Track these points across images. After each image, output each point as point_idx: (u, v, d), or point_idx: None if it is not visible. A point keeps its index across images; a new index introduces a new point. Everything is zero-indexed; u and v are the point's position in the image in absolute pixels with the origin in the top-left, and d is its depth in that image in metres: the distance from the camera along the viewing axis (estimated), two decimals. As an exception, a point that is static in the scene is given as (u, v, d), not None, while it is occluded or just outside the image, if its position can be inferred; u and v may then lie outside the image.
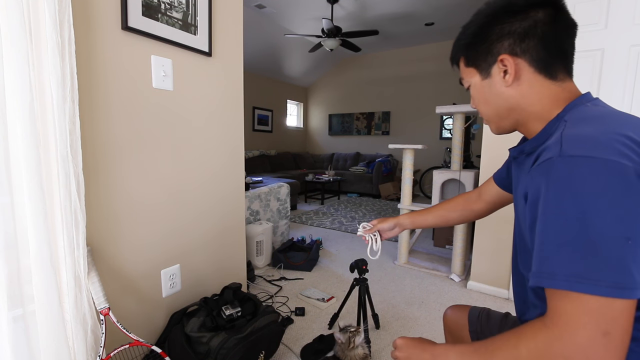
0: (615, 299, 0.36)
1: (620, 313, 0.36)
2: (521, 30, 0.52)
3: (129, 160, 1.14)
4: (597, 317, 0.37)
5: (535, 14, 0.51)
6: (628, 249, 0.37)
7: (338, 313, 1.56)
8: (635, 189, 0.38)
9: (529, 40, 0.52)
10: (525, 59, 0.53)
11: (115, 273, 1.12)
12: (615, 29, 1.63)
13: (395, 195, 5.41)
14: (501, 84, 0.56)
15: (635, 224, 0.37)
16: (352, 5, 4.28)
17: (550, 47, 0.52)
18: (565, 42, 0.52)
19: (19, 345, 0.82)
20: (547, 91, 0.53)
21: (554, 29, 0.51)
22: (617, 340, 0.36)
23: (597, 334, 0.36)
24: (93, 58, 1.01)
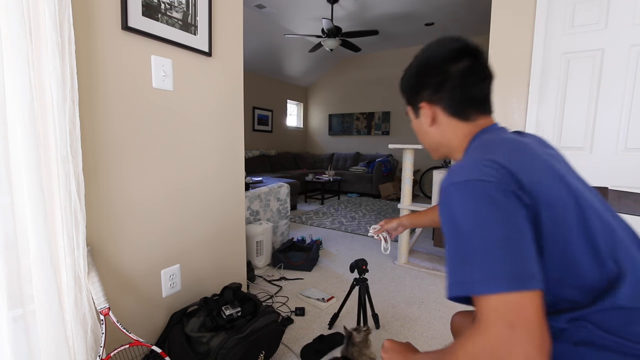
0: (511, 293, 0.40)
1: (520, 304, 0.40)
2: (436, 83, 0.63)
3: (129, 160, 1.14)
4: (500, 312, 0.40)
5: (451, 68, 0.61)
6: (509, 247, 0.42)
7: (338, 313, 1.56)
8: (497, 199, 0.45)
9: (442, 92, 0.63)
10: (440, 106, 0.64)
11: (115, 273, 1.12)
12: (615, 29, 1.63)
13: (395, 195, 5.41)
14: (426, 124, 0.68)
15: (507, 225, 0.43)
16: (352, 5, 4.28)
17: (460, 97, 0.62)
18: (476, 90, 0.62)
19: (19, 345, 0.82)
20: (460, 130, 0.64)
21: (464, 81, 0.61)
22: (525, 330, 0.39)
23: (504, 328, 0.40)
24: (93, 58, 1.01)
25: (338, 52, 6.42)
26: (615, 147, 1.67)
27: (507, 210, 0.44)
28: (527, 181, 0.46)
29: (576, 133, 1.76)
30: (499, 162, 0.48)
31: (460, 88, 0.61)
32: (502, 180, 0.46)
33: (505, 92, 1.91)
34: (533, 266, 0.42)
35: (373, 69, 6.52)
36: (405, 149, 2.37)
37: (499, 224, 0.43)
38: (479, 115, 0.63)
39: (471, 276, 0.43)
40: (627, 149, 1.64)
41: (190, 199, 1.38)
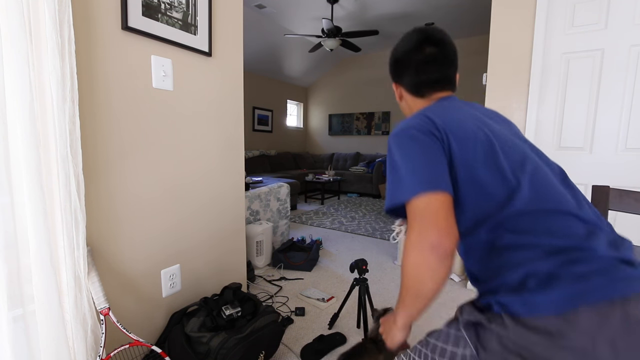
0: (423, 195, 0.56)
1: (428, 201, 0.56)
2: (399, 69, 0.80)
3: (129, 160, 1.14)
4: (416, 209, 0.56)
5: (411, 57, 0.77)
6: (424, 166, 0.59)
7: (338, 313, 1.56)
8: (418, 137, 0.62)
9: (403, 76, 0.80)
10: (403, 86, 0.82)
11: (115, 273, 1.12)
12: (615, 29, 1.63)
13: (395, 195, 5.40)
14: (397, 99, 0.87)
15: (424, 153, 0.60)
16: (352, 5, 4.28)
17: (415, 80, 0.78)
18: (430, 74, 0.76)
19: (19, 345, 0.82)
20: (418, 103, 0.81)
21: (419, 68, 0.76)
22: (432, 219, 0.55)
23: (419, 219, 0.56)
24: (93, 58, 1.01)
25: (338, 52, 6.42)
26: (615, 147, 1.67)
27: (424, 143, 0.61)
28: (440, 123, 0.63)
29: (576, 133, 1.76)
30: (425, 114, 0.66)
31: (415, 74, 0.77)
32: (423, 125, 0.63)
33: (505, 92, 1.91)
34: (441, 176, 0.58)
35: (373, 69, 6.52)
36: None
37: (418, 153, 0.60)
38: (433, 92, 0.78)
39: (399, 191, 0.59)
40: (627, 149, 1.64)
41: (191, 199, 1.38)
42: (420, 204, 0.56)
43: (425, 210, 0.55)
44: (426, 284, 0.56)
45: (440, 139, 0.62)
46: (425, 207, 0.55)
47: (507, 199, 0.56)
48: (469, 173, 0.59)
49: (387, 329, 0.74)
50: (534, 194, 0.56)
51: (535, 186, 0.57)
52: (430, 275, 0.55)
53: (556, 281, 0.49)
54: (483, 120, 0.66)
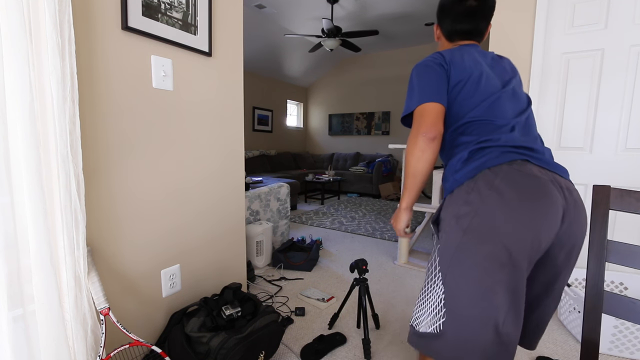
0: (423, 104, 0.83)
1: (426, 107, 0.82)
2: (442, 15, 0.97)
3: (129, 160, 1.14)
4: (418, 112, 0.83)
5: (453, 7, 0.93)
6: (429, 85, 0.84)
7: (338, 313, 1.56)
8: (431, 66, 0.86)
9: (443, 21, 0.97)
10: (442, 29, 0.99)
11: (115, 273, 1.12)
12: (615, 29, 1.63)
13: (395, 195, 5.41)
14: (435, 38, 1.05)
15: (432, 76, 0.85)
16: (352, 5, 4.28)
17: (450, 28, 0.96)
18: (464, 25, 0.93)
19: (19, 345, 0.82)
20: (447, 46, 1.00)
21: (456, 18, 0.93)
22: (426, 117, 0.81)
23: (418, 117, 0.83)
24: (93, 58, 1.01)
25: (338, 52, 6.42)
26: (615, 147, 1.67)
27: (433, 70, 0.85)
28: (448, 58, 0.86)
29: (576, 133, 1.76)
30: (441, 53, 0.89)
31: (452, 23, 0.94)
32: (436, 59, 0.87)
33: (505, 92, 1.91)
34: (439, 92, 0.83)
35: (373, 69, 6.52)
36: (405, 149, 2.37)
37: (428, 76, 0.85)
38: (462, 39, 0.96)
39: (411, 102, 0.85)
40: (627, 149, 1.64)
41: (191, 199, 1.38)
42: (422, 108, 0.82)
43: (424, 112, 0.81)
44: (420, 161, 0.81)
45: (445, 69, 0.85)
46: (424, 110, 0.81)
47: (470, 110, 0.83)
48: (455, 92, 0.84)
49: (396, 217, 0.96)
50: (485, 112, 0.82)
51: (490, 108, 0.82)
52: (422, 154, 0.80)
53: (472, 159, 0.78)
54: (481, 64, 0.88)
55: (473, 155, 0.78)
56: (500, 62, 0.92)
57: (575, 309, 1.52)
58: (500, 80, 0.87)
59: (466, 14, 0.91)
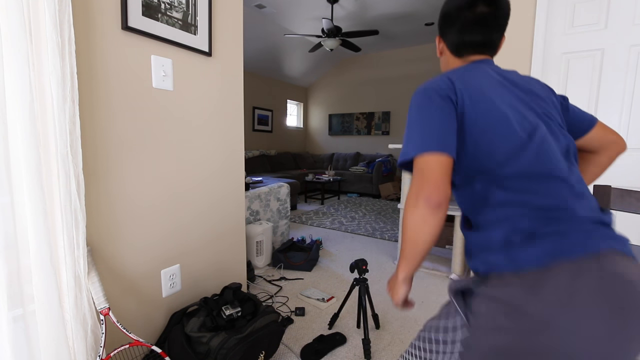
0: (426, 154, 0.60)
1: (429, 160, 0.60)
2: (446, 24, 0.78)
3: (129, 160, 1.14)
4: (419, 165, 0.61)
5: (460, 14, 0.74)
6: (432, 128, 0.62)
7: (338, 313, 1.56)
8: (434, 99, 0.64)
9: (448, 33, 0.78)
10: (445, 42, 0.80)
11: (115, 273, 1.12)
12: (615, 29, 1.63)
13: (395, 195, 5.41)
14: (438, 53, 0.86)
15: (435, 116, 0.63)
16: (352, 5, 4.28)
17: (458, 40, 0.76)
18: (474, 36, 0.74)
19: (19, 345, 0.82)
20: (454, 62, 0.81)
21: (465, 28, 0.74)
22: (429, 175, 0.59)
23: (419, 174, 0.60)
24: (93, 58, 1.01)
25: (338, 52, 6.42)
26: (615, 147, 1.67)
27: (438, 106, 0.63)
28: (460, 86, 0.65)
29: (576, 133, 1.76)
30: (448, 76, 0.67)
31: (459, 33, 0.75)
32: (442, 87, 0.65)
33: (505, 92, 1.91)
34: (446, 139, 0.61)
35: (373, 69, 6.52)
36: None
37: (431, 114, 0.63)
38: (472, 54, 0.77)
39: (409, 147, 0.63)
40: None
41: (190, 199, 1.38)
42: (422, 161, 0.61)
43: (425, 167, 0.60)
44: (421, 232, 0.61)
45: (454, 102, 0.65)
46: (425, 165, 0.61)
47: (506, 160, 0.61)
48: (476, 134, 0.63)
49: (392, 286, 0.76)
50: (533, 160, 0.60)
51: (537, 154, 0.60)
52: (423, 224, 0.60)
53: (538, 238, 0.53)
54: (507, 88, 0.67)
55: (534, 229, 0.54)
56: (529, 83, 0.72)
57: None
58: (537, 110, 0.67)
59: (477, 22, 0.72)
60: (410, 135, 0.65)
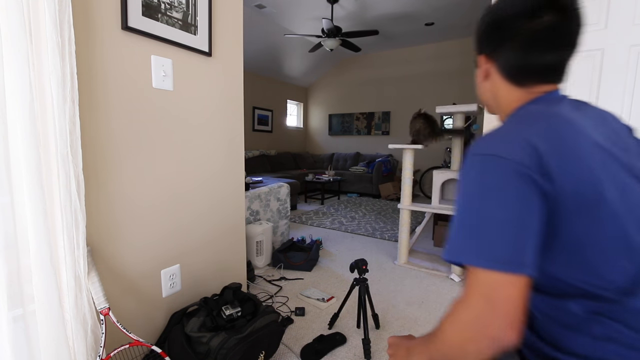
0: (497, 272, 0.41)
1: (503, 284, 0.41)
2: (497, 39, 0.56)
3: (129, 160, 1.14)
4: (483, 287, 0.42)
5: (520, 25, 0.52)
6: (508, 230, 0.42)
7: (338, 313, 1.56)
8: (511, 181, 0.43)
9: (501, 50, 0.56)
10: (496, 64, 0.58)
11: (115, 273, 1.12)
12: (615, 29, 1.63)
13: (395, 195, 5.41)
14: (480, 77, 0.64)
15: (513, 208, 0.43)
16: (352, 5, 4.28)
17: (518, 62, 0.54)
18: (542, 58, 0.53)
19: (19, 345, 0.82)
20: (511, 94, 0.58)
21: (528, 46, 0.52)
22: (502, 309, 0.41)
23: (484, 302, 0.42)
24: (93, 58, 1.01)
25: (338, 52, 6.41)
26: (615, 147, 1.67)
27: (517, 194, 0.43)
28: (555, 166, 0.43)
29: (576, 133, 1.76)
30: (530, 140, 0.44)
31: (521, 53, 0.53)
32: (523, 162, 0.43)
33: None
34: (527, 253, 0.42)
35: (373, 69, 6.52)
36: (405, 149, 2.37)
37: (502, 204, 0.43)
38: (537, 83, 0.55)
39: (468, 247, 0.45)
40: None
41: (190, 199, 1.38)
42: (489, 283, 0.42)
43: (494, 294, 0.41)
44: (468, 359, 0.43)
45: (544, 191, 0.43)
46: (494, 291, 0.41)
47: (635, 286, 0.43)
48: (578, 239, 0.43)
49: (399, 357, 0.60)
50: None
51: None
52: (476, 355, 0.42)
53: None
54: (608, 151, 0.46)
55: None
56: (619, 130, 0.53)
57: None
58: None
59: (546, 37, 0.50)
60: (466, 221, 0.45)
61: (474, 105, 2.17)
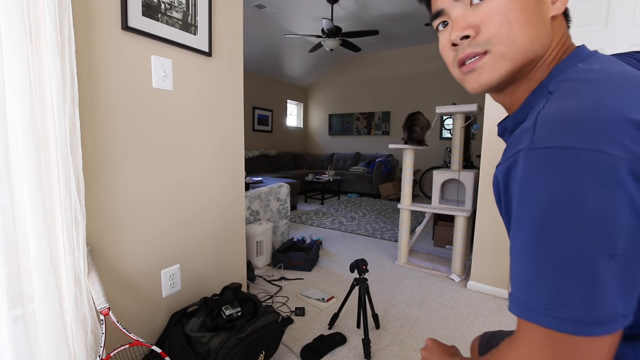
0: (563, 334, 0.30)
1: (584, 348, 0.30)
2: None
3: (129, 160, 1.14)
4: (553, 350, 0.31)
5: None
6: (607, 269, 0.28)
7: (338, 313, 1.56)
8: (622, 190, 0.28)
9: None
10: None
11: (115, 273, 1.12)
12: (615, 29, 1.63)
13: (395, 195, 5.41)
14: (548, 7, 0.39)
15: (620, 236, 0.28)
16: (352, 5, 4.28)
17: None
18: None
19: (19, 345, 0.82)
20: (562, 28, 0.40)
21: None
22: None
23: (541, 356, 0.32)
24: (93, 58, 1.01)
25: (338, 52, 6.42)
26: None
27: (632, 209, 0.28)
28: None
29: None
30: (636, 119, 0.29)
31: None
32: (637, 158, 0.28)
33: (505, 92, 1.90)
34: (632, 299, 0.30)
35: (373, 69, 6.52)
36: (405, 149, 2.37)
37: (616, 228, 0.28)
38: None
39: (535, 297, 0.31)
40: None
41: (191, 199, 1.38)
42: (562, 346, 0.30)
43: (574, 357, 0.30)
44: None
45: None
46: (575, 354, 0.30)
47: None
48: None
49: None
50: None
51: None
52: None
53: None
54: None
55: None
56: None
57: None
58: None
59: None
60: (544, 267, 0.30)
61: (474, 105, 2.17)
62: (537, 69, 0.41)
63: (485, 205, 1.97)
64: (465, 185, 2.28)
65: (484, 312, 1.76)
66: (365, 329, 1.36)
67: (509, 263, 0.35)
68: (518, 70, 0.40)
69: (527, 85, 0.43)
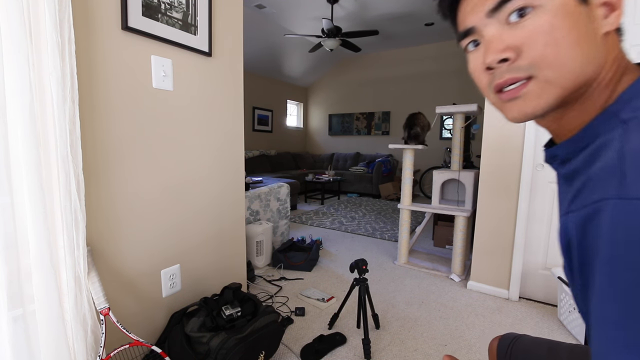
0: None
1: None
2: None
3: (129, 160, 1.14)
4: None
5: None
6: None
7: (338, 313, 1.56)
8: None
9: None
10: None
11: (115, 273, 1.12)
12: (615, 29, 1.63)
13: (395, 195, 5.41)
14: (600, 22, 0.35)
15: None
16: (352, 5, 4.28)
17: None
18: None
19: (19, 345, 0.82)
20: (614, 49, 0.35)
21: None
22: None
23: None
24: (93, 58, 1.01)
25: (338, 52, 6.41)
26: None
27: None
28: None
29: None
30: None
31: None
32: None
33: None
34: None
35: (373, 69, 6.52)
36: (405, 149, 2.37)
37: None
38: None
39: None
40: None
41: (191, 199, 1.38)
42: None
43: None
44: None
45: None
46: None
47: None
48: None
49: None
50: None
51: None
52: None
53: None
54: None
55: None
56: None
57: (575, 309, 1.52)
58: None
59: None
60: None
61: (474, 105, 2.17)
62: (591, 92, 0.37)
63: (485, 205, 1.97)
64: (465, 185, 2.28)
65: (484, 312, 1.76)
66: (365, 329, 1.36)
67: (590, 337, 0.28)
68: (568, 96, 0.36)
69: (579, 110, 0.37)
